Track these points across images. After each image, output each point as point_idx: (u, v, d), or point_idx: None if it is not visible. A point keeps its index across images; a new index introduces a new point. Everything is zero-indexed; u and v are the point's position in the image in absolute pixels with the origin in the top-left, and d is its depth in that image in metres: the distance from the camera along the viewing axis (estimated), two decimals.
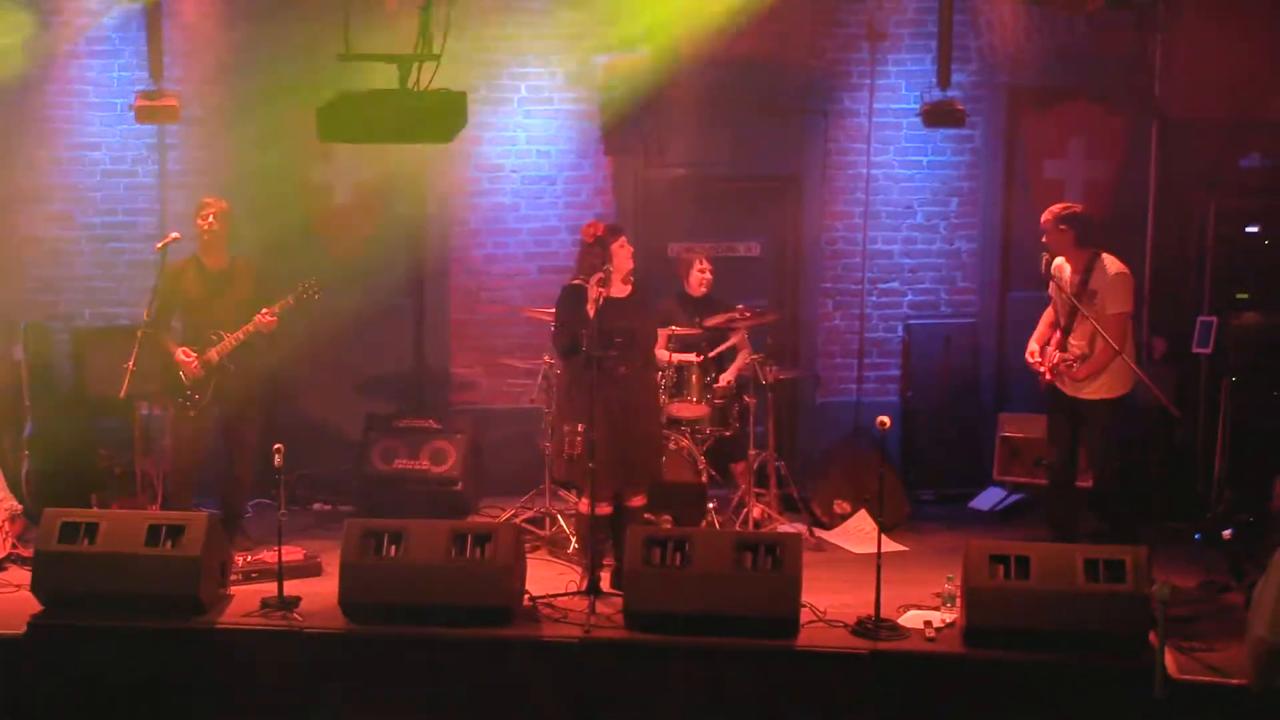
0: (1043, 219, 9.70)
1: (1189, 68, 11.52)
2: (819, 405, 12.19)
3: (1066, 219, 9.59)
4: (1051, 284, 9.69)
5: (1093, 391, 9.55)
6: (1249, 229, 11.30)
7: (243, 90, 11.50)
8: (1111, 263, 9.53)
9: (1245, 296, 11.25)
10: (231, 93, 11.50)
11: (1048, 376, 9.68)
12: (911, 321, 12.13)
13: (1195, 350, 10.89)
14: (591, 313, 9.08)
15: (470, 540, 8.78)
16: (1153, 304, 11.94)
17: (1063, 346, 9.58)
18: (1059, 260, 9.69)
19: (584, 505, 9.32)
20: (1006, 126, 12.06)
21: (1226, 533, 9.95)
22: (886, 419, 8.80)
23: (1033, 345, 9.82)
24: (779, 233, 12.26)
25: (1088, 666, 8.24)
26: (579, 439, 9.10)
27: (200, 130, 11.52)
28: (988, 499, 11.63)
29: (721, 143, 11.90)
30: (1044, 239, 9.68)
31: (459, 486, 11.08)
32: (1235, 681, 7.79)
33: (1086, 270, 9.53)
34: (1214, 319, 10.86)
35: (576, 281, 9.40)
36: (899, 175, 12.03)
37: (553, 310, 9.60)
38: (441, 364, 11.98)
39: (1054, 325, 9.77)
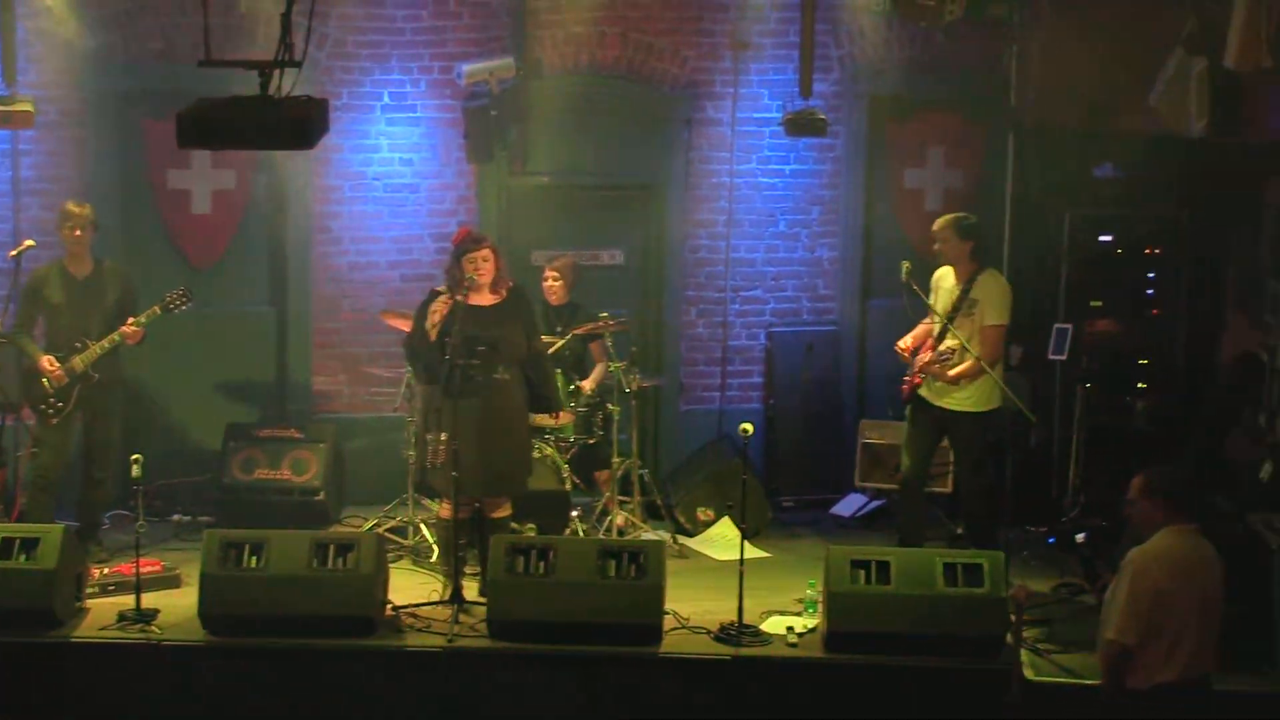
0: (936, 226, 9.78)
1: (1044, 79, 11.71)
2: (682, 413, 12.23)
3: (968, 229, 9.68)
4: (915, 293, 9.78)
5: (959, 403, 9.64)
6: (1103, 238, 11.50)
7: (100, 95, 11.34)
8: (995, 276, 9.72)
9: (1099, 305, 11.45)
10: (88, 97, 11.31)
11: (917, 380, 9.76)
12: (774, 329, 12.21)
13: (1051, 357, 11.06)
14: (432, 330, 9.12)
15: (332, 550, 8.75)
16: (1010, 311, 12.12)
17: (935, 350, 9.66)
18: (942, 268, 9.80)
19: (445, 511, 9.31)
20: (868, 136, 12.17)
21: (1080, 536, 10.14)
22: (749, 426, 8.88)
23: (906, 340, 9.87)
24: (643, 241, 12.29)
25: (946, 669, 8.38)
26: (442, 448, 9.08)
27: (55, 136, 11.31)
28: (849, 505, 11.74)
29: (586, 151, 11.92)
30: (936, 246, 9.77)
31: (321, 496, 10.99)
32: (1088, 682, 7.96)
33: (970, 281, 9.64)
34: (1069, 326, 11.03)
35: (439, 288, 9.41)
36: (761, 184, 12.11)
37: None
38: (304, 372, 11.87)
39: (929, 334, 9.86)
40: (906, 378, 9.87)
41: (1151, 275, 11.49)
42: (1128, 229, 11.51)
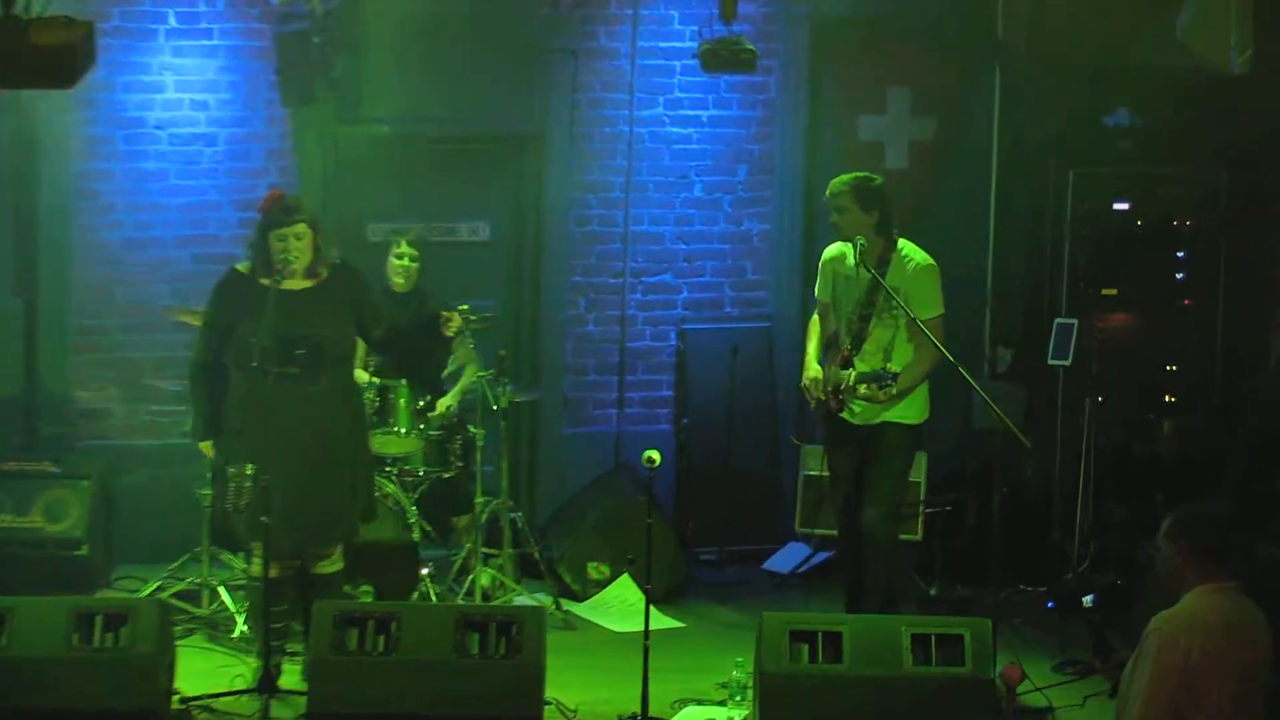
0: (831, 190, 9.70)
1: (1041, 1, 11.83)
2: (567, 436, 12.26)
3: (872, 194, 9.62)
4: (823, 281, 9.80)
5: (893, 414, 9.60)
6: (1117, 206, 11.61)
7: None
8: (913, 251, 9.63)
9: (1112, 294, 11.55)
10: None
11: (833, 405, 9.74)
12: (688, 326, 12.27)
13: (1051, 362, 11.15)
14: None
15: (100, 623, 8.64)
16: (996, 303, 12.22)
17: (852, 363, 9.59)
18: (839, 249, 9.80)
19: (254, 569, 9.25)
20: (810, 72, 12.25)
21: (1089, 598, 10.23)
22: (656, 454, 8.87)
23: (814, 366, 9.79)
24: (515, 210, 12.30)
25: None
26: (248, 485, 9.01)
27: None
28: (788, 558, 11.80)
29: (439, 90, 11.90)
30: (833, 218, 9.71)
31: (84, 550, 10.90)
32: None
33: (881, 263, 9.61)
34: (1074, 322, 11.12)
35: (239, 266, 9.34)
36: (671, 135, 12.17)
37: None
38: (61, 385, 11.77)
39: (832, 337, 9.88)
40: (818, 398, 9.78)
41: (1180, 255, 11.61)
42: (1149, 194, 11.62)
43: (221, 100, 11.74)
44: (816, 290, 9.91)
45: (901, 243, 9.64)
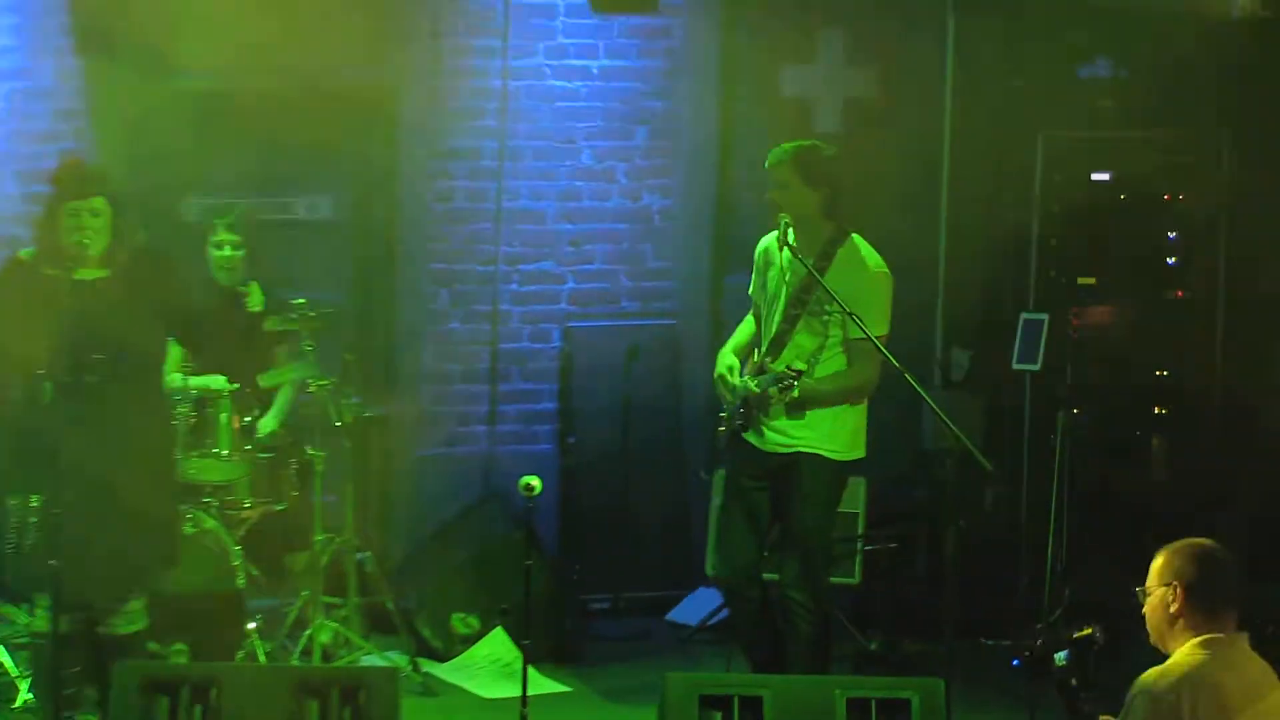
0: (771, 160, 9.63)
1: None
2: (425, 460, 12.25)
3: (817, 166, 9.57)
4: (758, 277, 9.78)
5: (812, 442, 9.48)
6: (1096, 177, 11.65)
7: None
8: (869, 254, 9.52)
9: (1090, 283, 11.60)
10: None
11: (739, 422, 9.52)
12: (574, 324, 12.28)
13: (1016, 366, 11.19)
14: None
15: None
16: (950, 295, 12.26)
17: (766, 370, 9.55)
18: (774, 238, 9.69)
19: (43, 625, 9.19)
20: (724, 13, 12.28)
21: (1062, 655, 10.28)
22: (536, 481, 8.86)
23: (728, 355, 9.71)
24: (363, 182, 12.31)
25: None
26: (33, 520, 8.95)
27: None
28: (696, 607, 11.83)
29: (268, 37, 11.83)
30: (771, 195, 9.66)
31: None
32: None
33: (824, 256, 9.52)
34: (1044, 318, 11.17)
35: (23, 253, 9.28)
36: (554, 89, 12.21)
37: None
38: None
39: (755, 344, 9.83)
40: (730, 400, 9.73)
41: (1172, 236, 11.67)
42: (1134, 162, 11.67)
43: (2, 48, 11.66)
44: (750, 288, 9.83)
45: (856, 239, 9.53)
